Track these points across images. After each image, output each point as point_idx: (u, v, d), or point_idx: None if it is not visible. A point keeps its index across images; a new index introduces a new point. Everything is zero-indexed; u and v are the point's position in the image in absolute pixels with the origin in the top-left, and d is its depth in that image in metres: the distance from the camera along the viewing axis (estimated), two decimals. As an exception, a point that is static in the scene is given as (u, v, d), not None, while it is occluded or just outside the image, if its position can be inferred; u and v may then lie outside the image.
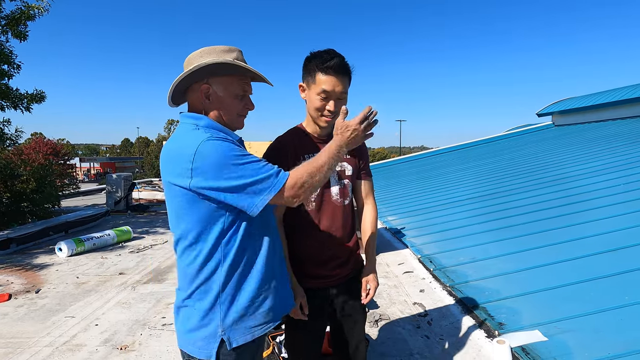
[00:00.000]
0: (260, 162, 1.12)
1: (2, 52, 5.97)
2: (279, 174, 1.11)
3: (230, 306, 1.17)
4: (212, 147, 1.07)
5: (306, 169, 1.13)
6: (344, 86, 1.41)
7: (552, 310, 2.70)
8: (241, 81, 1.22)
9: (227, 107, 1.21)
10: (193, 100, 1.22)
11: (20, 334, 2.99)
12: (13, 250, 5.53)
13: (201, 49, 1.19)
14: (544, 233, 4.04)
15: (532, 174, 6.82)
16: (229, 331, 1.16)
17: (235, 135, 1.24)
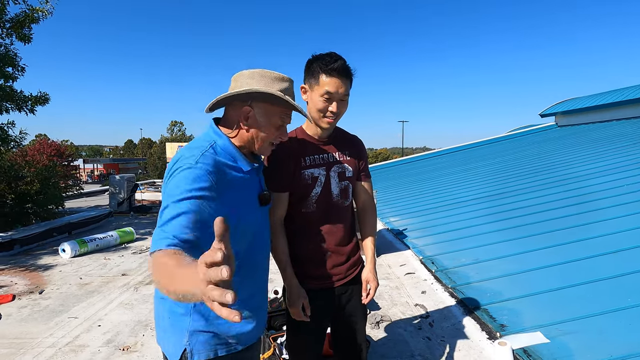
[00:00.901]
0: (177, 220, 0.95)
1: (6, 55, 6.02)
2: (164, 242, 0.91)
3: (199, 319, 1.14)
4: (181, 174, 1.02)
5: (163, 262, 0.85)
6: (347, 88, 1.43)
7: (555, 311, 2.69)
8: (282, 112, 1.22)
9: (262, 134, 1.20)
10: (230, 115, 1.21)
11: (23, 334, 3.01)
12: (17, 251, 5.57)
13: (253, 70, 1.19)
14: (547, 234, 4.02)
15: (536, 175, 6.80)
16: (193, 342, 1.14)
17: (248, 165, 1.19)
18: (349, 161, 1.62)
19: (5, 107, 6.28)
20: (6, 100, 6.19)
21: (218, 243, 0.63)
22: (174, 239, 0.92)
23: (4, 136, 6.32)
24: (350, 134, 1.72)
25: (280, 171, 1.50)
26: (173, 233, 0.93)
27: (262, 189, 1.28)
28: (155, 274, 0.87)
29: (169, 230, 0.94)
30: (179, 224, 0.94)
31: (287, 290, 1.54)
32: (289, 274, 1.52)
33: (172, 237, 0.92)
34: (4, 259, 5.25)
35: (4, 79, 6.14)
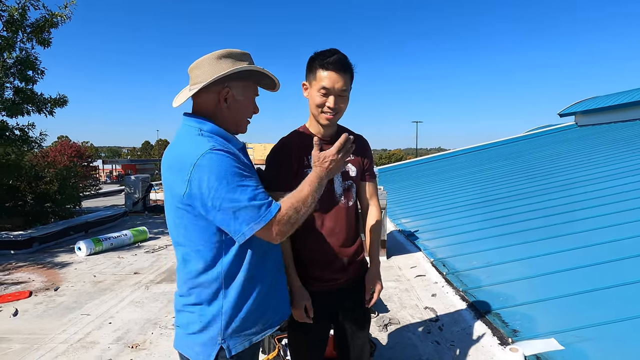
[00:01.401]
0: (257, 187, 1.08)
1: (27, 59, 6.22)
2: (271, 204, 1.07)
3: (231, 315, 1.17)
4: (211, 160, 1.03)
5: (292, 202, 1.10)
6: (344, 83, 1.39)
7: (571, 317, 2.59)
8: (255, 85, 1.25)
9: (242, 111, 1.22)
10: (204, 102, 1.18)
11: (38, 330, 3.09)
12: (35, 249, 5.74)
13: (213, 54, 1.17)
14: (565, 237, 3.89)
15: (553, 176, 6.60)
16: (229, 339, 1.17)
17: (237, 143, 1.22)
18: (353, 161, 1.59)
19: (27, 110, 6.48)
20: (27, 102, 6.39)
21: None
22: (270, 198, 1.10)
23: (25, 137, 6.52)
24: (355, 134, 1.68)
25: (283, 170, 1.48)
26: (266, 197, 1.09)
27: (253, 167, 1.30)
28: (292, 212, 1.09)
29: (260, 198, 1.07)
30: (260, 188, 1.09)
31: (290, 291, 1.52)
32: (292, 275, 1.50)
33: (270, 199, 1.09)
34: (23, 257, 5.42)
35: (25, 82, 6.34)
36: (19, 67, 6.21)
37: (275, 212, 1.07)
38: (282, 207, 1.09)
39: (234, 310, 1.17)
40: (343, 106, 1.44)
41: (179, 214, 1.12)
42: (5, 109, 6.09)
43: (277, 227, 1.07)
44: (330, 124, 1.47)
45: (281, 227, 1.08)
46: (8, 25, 5.82)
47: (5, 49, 5.97)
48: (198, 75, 1.17)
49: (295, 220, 1.11)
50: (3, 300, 3.72)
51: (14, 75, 6.22)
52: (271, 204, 1.08)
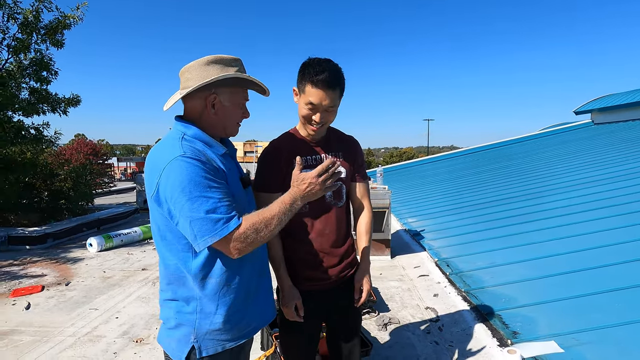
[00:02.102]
0: (220, 200, 1.05)
1: (42, 60, 6.41)
2: (230, 220, 1.05)
3: (206, 317, 1.17)
4: (179, 167, 1.04)
5: (254, 221, 1.07)
6: (332, 100, 1.40)
7: (572, 320, 2.55)
8: (244, 91, 1.25)
9: (230, 117, 1.23)
10: (193, 106, 1.21)
11: (48, 323, 3.20)
12: (50, 245, 5.92)
13: (203, 59, 1.18)
14: (571, 238, 3.82)
15: (566, 176, 6.46)
16: (200, 340, 1.17)
17: (220, 149, 1.21)
18: (343, 162, 1.60)
19: (42, 109, 6.68)
20: (42, 102, 6.59)
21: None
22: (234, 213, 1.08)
23: (40, 136, 6.72)
24: (346, 135, 1.70)
25: (272, 172, 1.50)
26: (228, 212, 1.06)
27: (241, 172, 1.30)
28: (251, 231, 1.06)
29: (219, 212, 1.05)
30: (224, 202, 1.07)
31: (281, 290, 1.54)
32: (282, 274, 1.52)
33: (234, 214, 1.08)
34: (38, 252, 5.61)
35: (40, 82, 6.54)
36: (34, 68, 6.41)
37: (233, 229, 1.04)
38: (242, 224, 1.06)
39: (207, 312, 1.17)
40: (330, 118, 1.46)
41: (153, 211, 1.16)
42: (22, 109, 6.29)
43: (233, 243, 1.05)
44: (317, 134, 1.49)
45: (237, 245, 1.06)
46: (23, 27, 6.01)
47: (20, 50, 6.17)
48: (187, 80, 1.19)
49: (253, 241, 1.07)
50: (17, 294, 3.86)
51: (29, 75, 6.42)
52: (230, 220, 1.05)
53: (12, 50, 6.15)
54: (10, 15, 5.92)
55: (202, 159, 1.08)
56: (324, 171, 1.14)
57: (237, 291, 1.20)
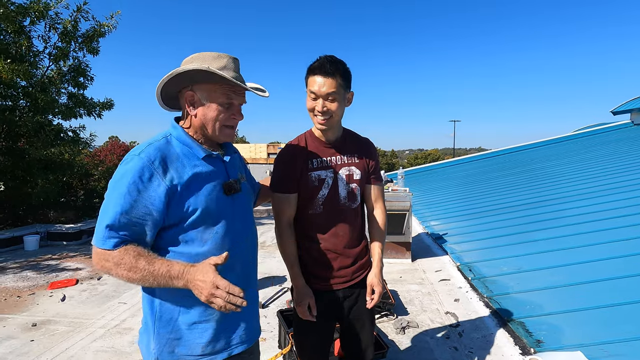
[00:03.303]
0: (113, 210, 0.99)
1: (79, 67, 6.80)
2: (109, 238, 0.99)
3: (165, 325, 1.08)
4: (124, 164, 1.05)
5: (124, 258, 0.98)
6: (331, 86, 1.41)
7: (601, 331, 2.43)
8: (225, 89, 1.13)
9: (209, 116, 1.13)
10: (182, 106, 1.18)
11: (81, 315, 3.39)
12: (84, 241, 6.26)
13: (193, 55, 1.15)
14: (603, 245, 3.63)
15: (601, 179, 6.14)
16: (159, 351, 1.09)
17: (200, 152, 1.13)
18: (358, 164, 1.61)
19: (79, 113, 7.08)
20: (79, 106, 6.98)
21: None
22: (120, 237, 1.00)
23: (77, 138, 7.13)
24: (362, 137, 1.71)
25: (287, 173, 1.53)
26: (119, 230, 1.00)
27: (228, 177, 1.20)
28: (118, 269, 0.98)
29: (113, 226, 0.99)
30: (121, 219, 1.00)
31: (294, 289, 1.57)
32: (295, 273, 1.55)
33: (117, 235, 1.00)
34: (74, 247, 5.94)
35: (77, 88, 6.93)
36: (72, 75, 6.81)
37: (105, 248, 0.99)
38: (117, 250, 0.99)
39: (166, 319, 1.08)
40: (334, 109, 1.45)
41: None
42: (61, 113, 6.70)
43: (97, 259, 1.01)
44: (326, 127, 1.50)
45: (98, 261, 1.01)
46: (62, 36, 6.39)
47: (60, 58, 6.56)
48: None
49: (108, 270, 1.00)
50: (54, 286, 4.12)
51: (68, 81, 6.83)
52: (110, 238, 0.99)
53: (52, 58, 6.55)
54: (51, 25, 6.32)
55: (154, 165, 1.03)
56: (228, 292, 0.95)
57: (204, 304, 1.07)
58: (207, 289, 0.94)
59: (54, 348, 2.78)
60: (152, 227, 1.04)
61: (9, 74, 5.27)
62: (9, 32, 5.85)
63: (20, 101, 6.32)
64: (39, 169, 6.43)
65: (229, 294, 0.94)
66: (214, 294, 0.94)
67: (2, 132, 6.30)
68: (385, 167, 36.02)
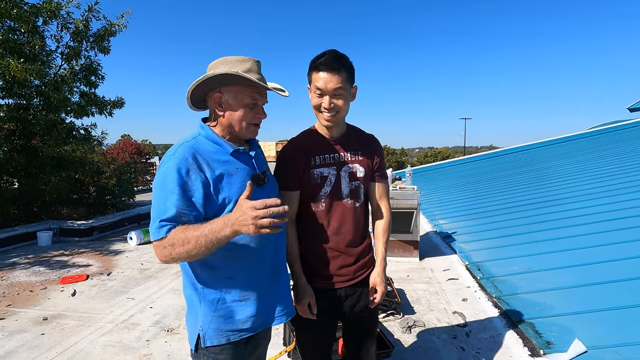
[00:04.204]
0: (169, 208, 1.09)
1: (91, 66, 6.90)
2: (161, 227, 1.09)
3: (209, 305, 1.20)
4: (165, 165, 1.15)
5: (176, 236, 1.07)
6: (337, 82, 1.39)
7: (614, 333, 2.36)
8: (251, 91, 1.24)
9: (237, 116, 1.24)
10: (210, 107, 1.29)
11: (90, 309, 3.44)
12: (95, 237, 6.36)
13: (219, 59, 1.25)
14: (617, 245, 3.53)
15: (615, 177, 5.99)
16: (205, 328, 1.20)
17: (229, 148, 1.24)
18: (361, 161, 1.58)
19: (91, 111, 7.18)
20: (91, 104, 7.08)
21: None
22: (170, 224, 1.10)
23: (88, 136, 7.24)
24: (367, 134, 1.68)
25: (290, 170, 1.52)
26: (170, 221, 1.10)
27: (255, 170, 1.30)
28: (175, 249, 1.07)
29: (166, 218, 1.10)
30: (171, 212, 1.10)
31: (295, 287, 1.56)
32: (297, 271, 1.54)
33: (171, 224, 1.10)
34: (85, 243, 6.04)
35: (89, 86, 7.04)
36: (84, 74, 6.91)
37: (159, 237, 1.09)
38: (168, 235, 1.08)
39: (210, 300, 1.20)
40: (341, 105, 1.44)
41: None
42: (73, 111, 6.81)
43: (156, 249, 1.11)
44: (332, 124, 1.48)
45: (157, 251, 1.11)
46: (74, 36, 6.49)
47: (72, 57, 6.67)
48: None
49: (170, 254, 1.08)
50: (65, 281, 4.19)
51: (80, 80, 6.93)
52: (162, 227, 1.09)
53: (65, 58, 6.66)
54: (63, 25, 6.42)
55: (189, 161, 1.13)
56: (266, 206, 1.01)
57: (243, 286, 1.23)
58: (248, 216, 0.99)
59: (64, 342, 2.83)
60: (195, 218, 1.12)
61: (23, 73, 5.37)
62: (23, 32, 5.96)
63: (34, 100, 6.45)
64: (52, 167, 6.55)
65: (268, 208, 0.99)
66: (257, 216, 0.99)
67: (17, 131, 6.44)
68: (394, 165, 35.76)
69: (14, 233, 5.72)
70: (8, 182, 6.60)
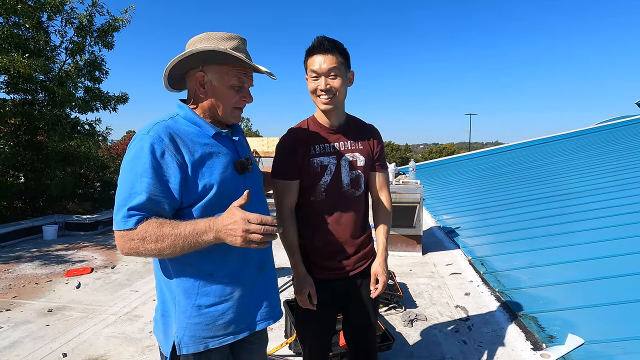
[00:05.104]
0: (131, 191, 0.97)
1: (95, 61, 6.92)
2: (130, 217, 0.96)
3: (184, 309, 1.07)
4: (135, 144, 1.02)
5: (147, 231, 0.95)
6: (331, 62, 1.39)
7: (618, 327, 2.34)
8: (238, 71, 1.12)
9: (221, 98, 1.12)
10: (189, 87, 1.16)
11: (95, 302, 3.48)
12: (100, 231, 6.42)
13: (201, 34, 1.12)
14: (621, 240, 3.49)
15: (621, 173, 5.91)
16: (181, 335, 1.07)
17: (210, 130, 1.11)
18: (362, 150, 1.57)
19: (95, 107, 7.22)
20: (95, 100, 7.12)
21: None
22: (140, 214, 0.97)
23: (92, 131, 7.28)
24: (367, 124, 1.67)
25: (289, 159, 1.50)
26: (140, 210, 0.97)
27: (238, 156, 1.19)
28: (145, 244, 0.95)
29: (136, 205, 0.97)
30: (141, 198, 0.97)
31: (294, 277, 1.55)
32: (296, 261, 1.53)
33: (141, 214, 0.97)
34: (89, 237, 6.09)
35: (93, 82, 7.07)
36: (89, 69, 6.94)
37: (126, 228, 0.96)
38: (138, 227, 0.96)
39: (185, 303, 1.07)
40: (337, 86, 1.42)
41: None
42: (78, 106, 6.85)
43: (121, 241, 0.97)
44: (330, 107, 1.46)
45: (122, 244, 0.97)
46: (78, 31, 6.51)
47: (76, 52, 6.70)
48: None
49: (136, 248, 0.96)
50: (70, 274, 4.23)
51: (84, 75, 6.96)
52: (131, 217, 0.96)
53: (69, 53, 6.69)
54: (67, 20, 6.44)
55: (165, 142, 1.00)
56: (261, 223, 0.93)
57: (224, 283, 1.10)
58: (240, 228, 0.90)
59: (68, 333, 2.86)
60: (170, 206, 1.01)
61: (28, 68, 5.40)
62: (28, 27, 5.98)
63: (39, 95, 6.49)
64: (57, 162, 6.60)
65: (263, 225, 0.91)
66: (248, 229, 0.90)
67: (22, 126, 6.49)
68: (398, 161, 35.64)
69: (20, 227, 5.78)
70: (14, 176, 6.66)
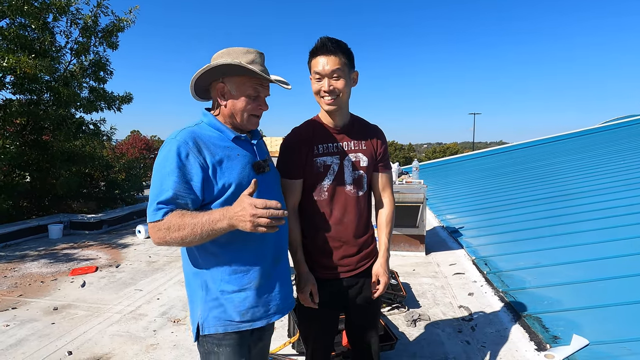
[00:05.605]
0: (160, 188, 1.10)
1: (99, 61, 6.96)
2: (158, 210, 1.09)
3: (209, 294, 1.21)
4: (165, 147, 1.17)
5: (172, 221, 1.07)
6: (334, 64, 1.39)
7: (624, 328, 2.33)
8: (254, 82, 1.25)
9: (239, 107, 1.25)
10: (213, 97, 1.31)
11: (99, 300, 3.50)
12: (105, 230, 6.46)
13: (222, 50, 1.27)
14: (626, 241, 3.47)
15: (627, 173, 5.87)
16: (204, 317, 1.21)
17: (230, 134, 1.24)
18: (365, 151, 1.57)
19: (100, 106, 7.27)
20: (100, 100, 7.16)
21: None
22: (167, 207, 1.11)
23: (97, 131, 7.32)
24: (371, 124, 1.67)
25: (292, 158, 1.51)
26: (167, 204, 1.11)
27: (256, 157, 1.30)
28: (170, 233, 1.08)
29: (163, 200, 1.10)
30: (169, 194, 1.11)
31: (297, 276, 1.56)
32: (299, 260, 1.53)
33: (168, 207, 1.11)
34: (94, 236, 6.14)
35: (98, 82, 7.11)
36: (93, 69, 6.98)
37: (155, 219, 1.09)
38: (165, 218, 1.08)
39: (210, 288, 1.20)
40: (341, 87, 1.42)
41: None
42: (82, 106, 6.89)
43: (152, 231, 1.11)
44: (333, 108, 1.46)
45: (153, 234, 1.11)
46: (83, 31, 6.55)
47: (81, 53, 6.74)
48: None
49: (164, 237, 1.09)
50: (75, 273, 4.26)
51: (89, 76, 7.01)
52: (159, 210, 1.09)
53: (74, 53, 6.73)
54: (73, 21, 6.48)
55: (189, 145, 1.14)
56: (266, 207, 1.01)
57: (243, 272, 1.22)
58: (248, 213, 1.00)
59: (73, 331, 2.88)
60: (193, 202, 1.13)
61: (33, 69, 5.44)
62: (34, 28, 6.03)
63: (44, 95, 6.53)
64: (62, 161, 6.65)
65: (268, 209, 1.00)
66: (255, 214, 0.99)
67: (28, 125, 6.54)
68: (402, 161, 35.54)
69: (25, 226, 5.83)
70: (20, 175, 6.72)
